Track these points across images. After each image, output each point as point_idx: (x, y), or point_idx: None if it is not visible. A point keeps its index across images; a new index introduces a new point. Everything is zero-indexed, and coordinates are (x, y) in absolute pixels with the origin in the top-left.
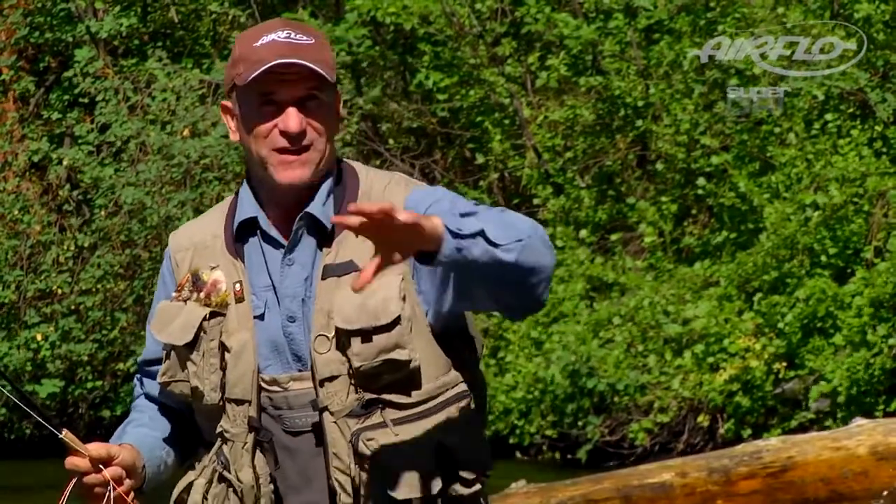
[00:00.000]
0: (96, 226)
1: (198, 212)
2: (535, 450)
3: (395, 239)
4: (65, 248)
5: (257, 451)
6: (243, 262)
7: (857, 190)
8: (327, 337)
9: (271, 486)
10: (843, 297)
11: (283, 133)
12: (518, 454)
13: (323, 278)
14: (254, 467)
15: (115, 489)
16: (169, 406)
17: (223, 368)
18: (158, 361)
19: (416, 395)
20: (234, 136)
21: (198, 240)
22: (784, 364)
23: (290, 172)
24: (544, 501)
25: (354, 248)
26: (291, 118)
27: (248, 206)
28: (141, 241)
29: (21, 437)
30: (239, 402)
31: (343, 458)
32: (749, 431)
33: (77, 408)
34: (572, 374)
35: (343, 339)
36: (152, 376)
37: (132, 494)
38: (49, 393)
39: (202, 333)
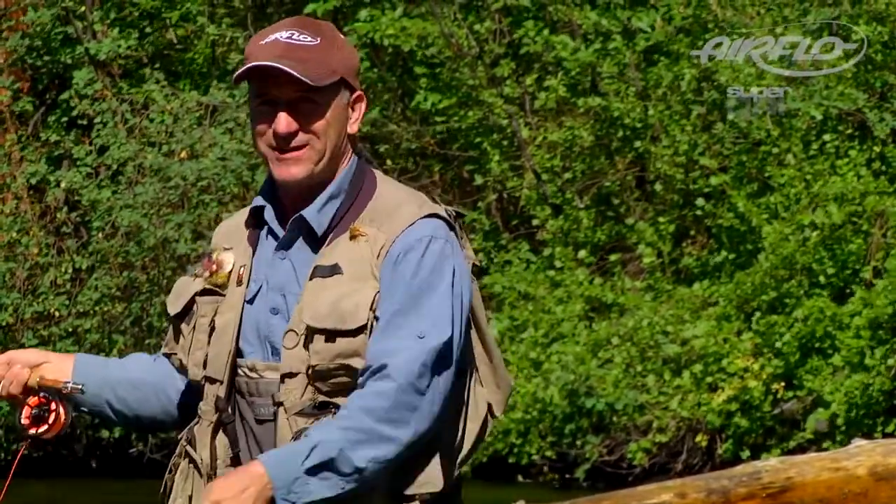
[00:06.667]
0: (94, 248)
1: (195, 233)
2: (534, 469)
3: None
4: (62, 270)
5: (219, 432)
6: (254, 249)
7: (856, 209)
8: (296, 333)
9: (229, 470)
10: (841, 317)
11: (274, 134)
12: (517, 474)
13: (311, 278)
14: (213, 448)
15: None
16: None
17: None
18: None
19: None
20: None
21: (233, 225)
22: (782, 384)
23: (285, 170)
24: None
25: (343, 252)
26: (280, 121)
27: (260, 197)
28: (139, 263)
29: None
30: (212, 380)
31: None
32: (747, 452)
33: (74, 428)
34: (571, 394)
35: (309, 336)
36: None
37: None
38: None
39: (194, 307)
